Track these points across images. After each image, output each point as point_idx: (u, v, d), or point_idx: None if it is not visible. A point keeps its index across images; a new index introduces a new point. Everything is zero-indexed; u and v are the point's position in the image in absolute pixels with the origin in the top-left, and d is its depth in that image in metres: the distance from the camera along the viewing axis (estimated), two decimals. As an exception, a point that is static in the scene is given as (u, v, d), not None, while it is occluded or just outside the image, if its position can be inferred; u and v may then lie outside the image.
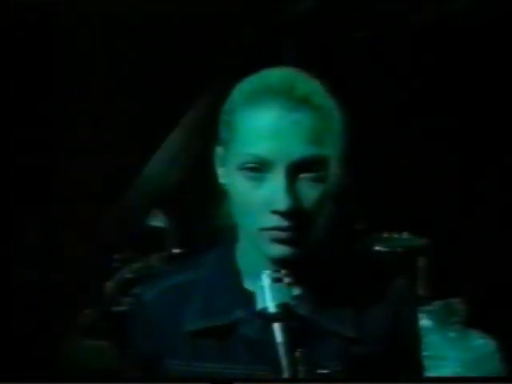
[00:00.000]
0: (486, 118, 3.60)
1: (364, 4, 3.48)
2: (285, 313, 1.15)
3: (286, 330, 1.13)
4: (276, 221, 1.20)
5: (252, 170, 1.22)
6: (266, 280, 1.18)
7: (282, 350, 1.12)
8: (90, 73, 3.57)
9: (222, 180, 1.30)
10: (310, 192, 1.22)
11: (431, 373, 2.73)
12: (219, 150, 1.30)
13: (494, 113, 3.59)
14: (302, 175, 1.21)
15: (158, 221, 3.40)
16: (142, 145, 3.56)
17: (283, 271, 1.19)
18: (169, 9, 3.43)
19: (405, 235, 3.50)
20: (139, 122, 3.59)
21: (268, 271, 1.18)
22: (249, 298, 1.26)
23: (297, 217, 1.20)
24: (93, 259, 3.33)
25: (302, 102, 1.21)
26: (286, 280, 1.18)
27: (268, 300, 1.16)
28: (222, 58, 3.46)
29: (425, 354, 1.38)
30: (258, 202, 1.21)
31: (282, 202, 1.19)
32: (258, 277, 1.23)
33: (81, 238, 3.46)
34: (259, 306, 1.17)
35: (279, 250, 1.22)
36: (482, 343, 2.99)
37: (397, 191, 3.58)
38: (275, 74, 1.26)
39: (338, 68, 3.41)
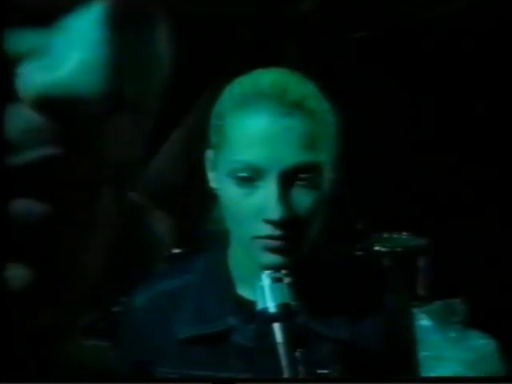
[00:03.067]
0: (486, 118, 3.59)
1: (364, 4, 3.48)
2: (285, 313, 1.15)
3: (286, 331, 1.13)
4: (269, 230, 1.18)
5: (243, 176, 1.19)
6: (266, 280, 1.17)
7: (282, 351, 1.12)
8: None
9: (212, 184, 1.27)
10: (303, 199, 1.19)
11: (431, 373, 2.73)
12: (210, 153, 1.27)
13: (494, 113, 3.59)
14: (295, 182, 1.19)
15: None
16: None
17: (283, 271, 1.18)
18: (168, 9, 3.43)
19: (405, 235, 3.51)
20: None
21: (268, 271, 1.18)
22: (241, 305, 1.26)
23: (290, 225, 1.18)
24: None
25: (294, 106, 1.18)
26: (286, 280, 1.18)
27: (268, 300, 1.16)
28: (221, 57, 3.46)
29: (425, 353, 1.38)
30: (250, 210, 1.19)
31: (275, 211, 1.16)
32: (250, 282, 1.23)
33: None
34: (259, 306, 1.16)
35: (272, 258, 1.19)
36: (481, 343, 2.99)
37: (397, 191, 3.58)
38: (267, 77, 1.23)
39: (338, 68, 3.41)
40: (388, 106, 3.67)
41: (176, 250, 3.32)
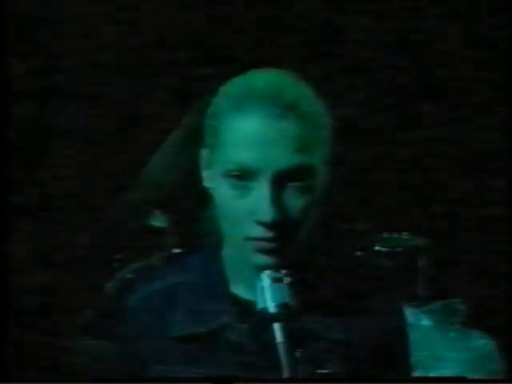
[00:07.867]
0: (485, 118, 3.59)
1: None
2: (285, 313, 1.15)
3: (286, 330, 1.13)
4: (261, 231, 1.18)
5: (236, 178, 1.19)
6: (266, 280, 1.17)
7: (282, 350, 1.12)
8: (90, 72, 3.57)
9: (206, 183, 1.27)
10: (296, 202, 1.19)
11: (431, 373, 2.73)
12: (204, 152, 1.27)
13: (493, 112, 3.59)
14: (287, 184, 1.19)
15: (158, 221, 3.40)
16: (143, 144, 3.55)
17: (283, 271, 1.18)
18: (168, 8, 3.43)
19: (405, 235, 3.50)
20: (139, 122, 3.59)
21: (268, 271, 1.18)
22: (236, 303, 1.27)
23: (282, 227, 1.18)
24: (93, 259, 3.32)
25: (289, 108, 1.18)
26: (286, 280, 1.18)
27: (268, 300, 1.16)
28: (221, 57, 3.46)
29: (425, 353, 1.38)
30: (243, 211, 1.19)
31: (267, 213, 1.16)
32: (244, 281, 1.25)
33: (81, 238, 3.45)
34: (259, 306, 1.17)
35: (264, 259, 1.20)
36: (481, 343, 2.99)
37: (397, 191, 3.57)
38: (262, 78, 1.23)
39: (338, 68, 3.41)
40: (388, 105, 3.66)
41: (176, 250, 3.33)
